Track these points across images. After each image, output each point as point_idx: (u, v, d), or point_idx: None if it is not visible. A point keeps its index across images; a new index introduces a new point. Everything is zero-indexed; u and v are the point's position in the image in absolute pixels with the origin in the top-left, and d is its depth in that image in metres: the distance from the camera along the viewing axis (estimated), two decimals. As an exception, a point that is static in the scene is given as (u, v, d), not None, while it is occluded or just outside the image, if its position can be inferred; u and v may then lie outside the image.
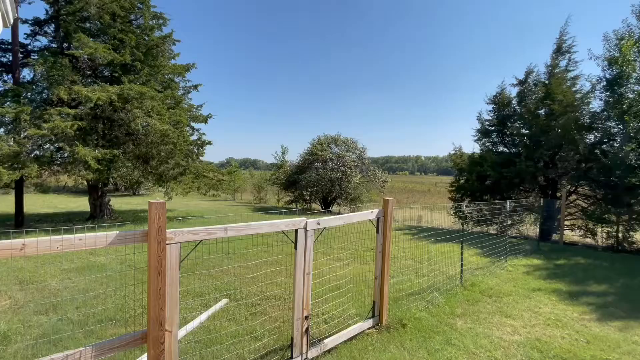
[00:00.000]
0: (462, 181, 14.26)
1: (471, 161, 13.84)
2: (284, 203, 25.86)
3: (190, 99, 15.82)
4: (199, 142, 14.70)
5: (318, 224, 3.19)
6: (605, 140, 10.94)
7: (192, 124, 14.87)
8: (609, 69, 10.68)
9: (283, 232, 3.00)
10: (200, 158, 15.07)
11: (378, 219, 3.88)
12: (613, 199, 10.15)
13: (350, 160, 21.93)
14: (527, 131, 12.24)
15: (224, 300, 4.69)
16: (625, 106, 10.12)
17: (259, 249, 7.43)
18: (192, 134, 14.68)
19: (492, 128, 13.67)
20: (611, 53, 10.67)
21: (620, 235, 10.35)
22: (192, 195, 19.86)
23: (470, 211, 13.27)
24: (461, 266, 5.88)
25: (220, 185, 14.71)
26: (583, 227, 11.35)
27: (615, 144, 10.61)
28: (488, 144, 13.90)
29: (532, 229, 12.23)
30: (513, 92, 13.13)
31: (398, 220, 16.83)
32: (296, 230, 3.01)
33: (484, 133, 13.85)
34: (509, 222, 12.47)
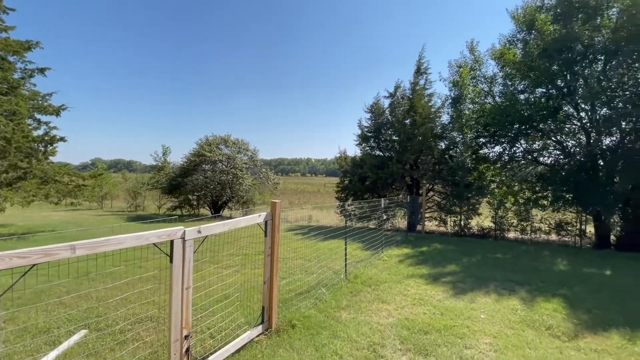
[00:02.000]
0: (346, 182, 15.51)
1: (354, 164, 15.20)
2: (166, 210, 23.28)
3: (35, 85, 12.65)
4: (46, 138, 11.83)
5: (199, 232, 2.90)
6: (452, 147, 13.58)
7: (38, 115, 11.91)
8: (453, 90, 13.30)
9: (155, 245, 2.60)
10: (51, 158, 12.18)
11: (266, 222, 3.80)
12: (457, 194, 12.67)
13: (241, 162, 21.30)
14: (397, 138, 14.16)
15: (81, 332, 3.84)
16: (464, 120, 12.76)
17: (131, 265, 6.41)
18: (36, 128, 11.74)
19: (370, 134, 15.34)
20: (454, 77, 13.32)
21: (462, 222, 13.00)
22: (39, 206, 15.93)
23: (354, 209, 14.58)
24: (345, 261, 6.33)
25: (80, 191, 12.17)
26: (438, 218, 13.81)
27: (458, 150, 13.28)
28: (367, 148, 15.53)
29: (402, 222, 14.22)
30: (386, 103, 15.05)
31: (290, 221, 17.17)
32: (172, 242, 2.66)
33: (363, 138, 15.41)
34: (385, 217, 14.20)
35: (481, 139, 12.74)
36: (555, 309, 4.80)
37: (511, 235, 12.44)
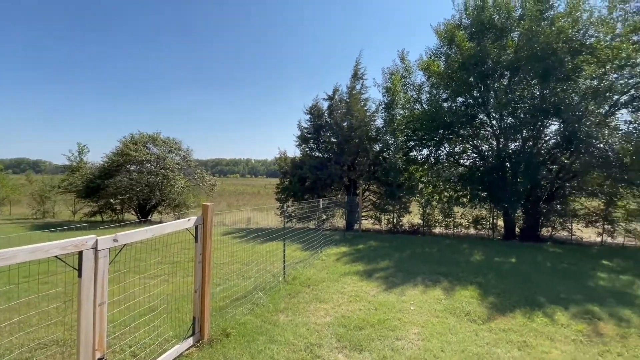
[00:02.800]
0: (286, 183, 15.44)
1: (293, 164, 15.20)
2: (82, 216, 20.67)
3: None
4: None
5: (115, 240, 2.58)
6: (385, 149, 14.36)
7: None
8: (386, 96, 14.10)
9: (58, 257, 2.24)
10: None
11: (197, 227, 3.56)
12: (390, 193, 13.44)
13: (173, 163, 19.86)
14: (335, 140, 14.53)
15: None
16: (395, 124, 13.60)
17: (34, 281, 5.51)
18: None
19: (310, 135, 15.49)
20: (387, 84, 14.12)
21: (395, 220, 13.85)
22: None
23: (294, 210, 14.58)
24: (284, 262, 6.27)
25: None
26: (373, 217, 14.50)
27: (391, 153, 14.10)
28: (307, 149, 15.65)
29: (341, 222, 14.62)
30: (325, 105, 15.34)
31: (227, 224, 16.50)
32: (80, 253, 2.32)
33: (303, 139, 15.50)
34: (324, 217, 14.47)
35: (411, 142, 13.73)
36: (472, 296, 5.35)
37: (437, 230, 13.62)
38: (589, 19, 10.36)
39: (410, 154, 13.99)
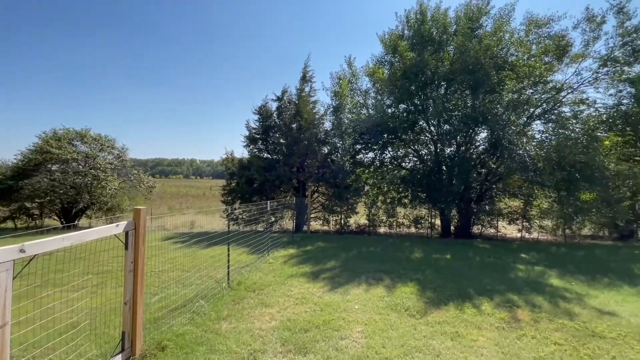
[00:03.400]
0: (233, 184, 14.95)
1: (241, 165, 14.78)
2: (-10, 222, 17.88)
3: None
4: None
5: (22, 251, 2.24)
6: (333, 152, 14.65)
7: None
8: (334, 99, 14.39)
9: (-58, 272, 1.87)
10: None
11: (127, 233, 3.25)
12: (338, 195, 13.73)
13: (105, 162, 18.07)
14: (284, 141, 14.44)
15: None
16: (343, 128, 13.95)
17: None
18: None
19: (259, 136, 15.20)
20: (335, 88, 14.43)
21: (343, 221, 14.17)
22: None
23: (241, 212, 14.15)
24: (228, 267, 6.04)
25: None
26: (322, 218, 14.68)
27: (339, 155, 14.43)
28: (255, 150, 15.33)
29: (289, 223, 14.54)
30: (274, 106, 15.17)
31: (168, 228, 15.49)
32: (-26, 266, 1.97)
33: (251, 140, 15.16)
34: (273, 219, 14.28)
35: (358, 146, 14.18)
36: (412, 292, 5.65)
37: (382, 230, 14.23)
38: (510, 39, 11.67)
39: (357, 156, 14.46)
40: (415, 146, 14.07)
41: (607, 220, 12.16)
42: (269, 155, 15.20)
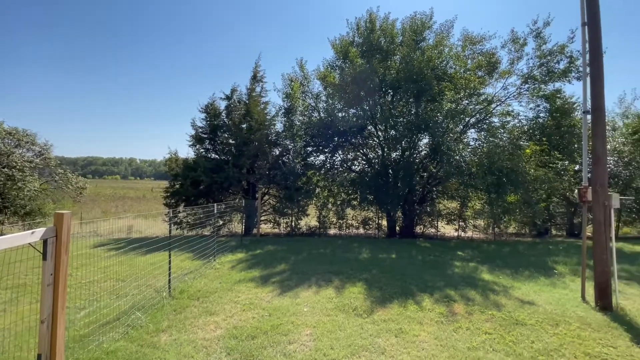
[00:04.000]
0: (177, 186, 14.10)
1: (186, 166, 14.00)
2: None
3: None
4: None
5: None
6: (285, 153, 14.55)
7: None
8: (285, 101, 14.31)
9: None
10: None
11: (45, 241, 2.86)
12: (289, 197, 13.65)
13: (22, 160, 15.88)
14: (233, 141, 13.99)
15: None
16: (295, 130, 13.93)
17: None
18: None
19: (206, 135, 14.53)
20: (287, 89, 14.37)
21: (293, 223, 14.11)
22: None
23: (185, 215, 13.38)
24: (169, 275, 5.64)
25: None
26: (272, 220, 14.48)
27: (290, 157, 14.36)
28: (202, 150, 14.63)
29: (239, 227, 14.10)
30: (222, 105, 14.64)
31: (102, 234, 14.09)
32: None
33: (198, 139, 14.44)
34: (220, 222, 13.73)
35: (309, 148, 14.26)
36: (359, 292, 5.80)
37: (332, 231, 14.45)
38: (449, 53, 12.65)
39: (309, 159, 14.53)
40: (364, 150, 14.55)
41: (527, 220, 13.70)
42: (217, 156, 14.61)
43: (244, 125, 14.02)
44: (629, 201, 12.24)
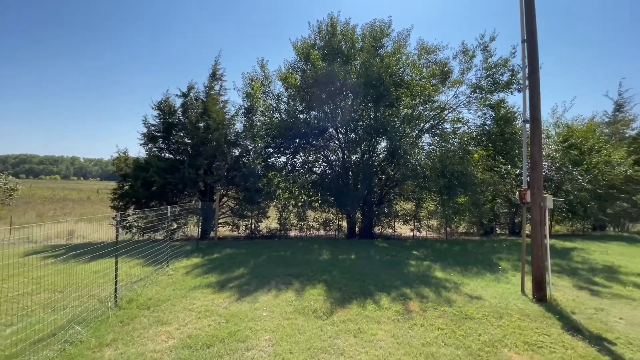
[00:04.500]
0: (126, 187, 13.15)
1: (137, 166, 13.11)
2: None
3: None
4: None
5: None
6: (244, 154, 14.20)
7: None
8: (246, 100, 14.00)
9: None
10: None
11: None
12: (249, 199, 13.34)
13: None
14: (190, 140, 13.37)
15: None
16: (255, 130, 13.66)
17: None
18: None
19: (159, 134, 13.72)
20: (247, 89, 14.07)
21: (253, 226, 13.81)
22: None
23: (136, 219, 12.53)
24: (115, 283, 5.23)
25: None
26: (231, 223, 14.04)
27: (250, 158, 14.06)
28: (155, 149, 13.79)
29: (195, 230, 13.49)
30: (178, 102, 13.92)
31: (37, 240, 12.73)
32: None
33: (150, 138, 13.60)
34: (175, 226, 13.05)
35: (270, 149, 14.07)
36: (319, 294, 5.81)
37: (292, 233, 14.36)
38: (406, 60, 13.20)
39: (270, 160, 14.32)
40: (326, 152, 14.67)
41: (475, 220, 14.70)
42: (171, 156, 13.84)
43: (201, 124, 13.46)
44: (560, 202, 13.63)
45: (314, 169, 15.02)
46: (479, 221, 14.62)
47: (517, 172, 13.52)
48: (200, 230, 12.92)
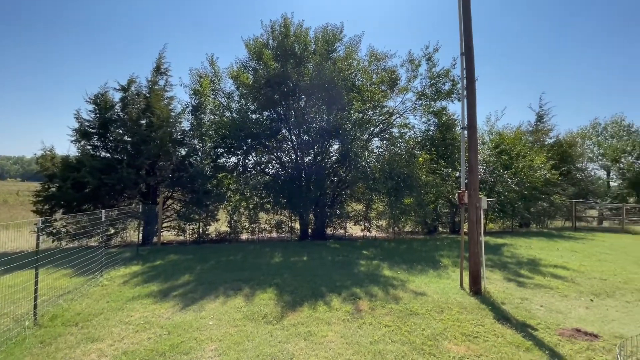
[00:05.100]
0: (53, 189, 11.75)
1: (66, 165, 11.79)
2: None
3: None
4: None
5: None
6: (192, 154, 13.49)
7: None
8: (194, 98, 13.33)
9: None
10: None
11: None
12: (197, 201, 12.70)
13: None
14: (130, 138, 12.35)
15: None
16: (204, 129, 13.06)
17: None
18: None
19: (94, 130, 12.48)
20: (195, 86, 13.41)
21: (201, 230, 13.16)
22: None
23: (64, 224, 11.24)
24: (35, 299, 4.61)
25: None
26: (177, 227, 13.24)
27: (198, 158, 13.40)
28: (89, 147, 12.52)
29: (135, 235, 12.47)
30: (117, 96, 12.80)
31: None
32: None
33: (83, 134, 12.31)
34: (112, 231, 11.95)
35: (220, 149, 13.53)
36: (270, 298, 5.70)
37: (244, 236, 13.96)
38: (357, 66, 13.60)
39: (219, 160, 13.78)
40: (278, 153, 14.52)
41: (420, 219, 15.60)
42: (108, 155, 12.67)
43: (143, 121, 12.50)
44: (493, 202, 15.01)
45: (267, 170, 14.79)
46: (423, 221, 15.51)
47: (457, 175, 14.63)
48: (141, 235, 11.99)
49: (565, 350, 4.01)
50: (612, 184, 25.88)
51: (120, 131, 12.34)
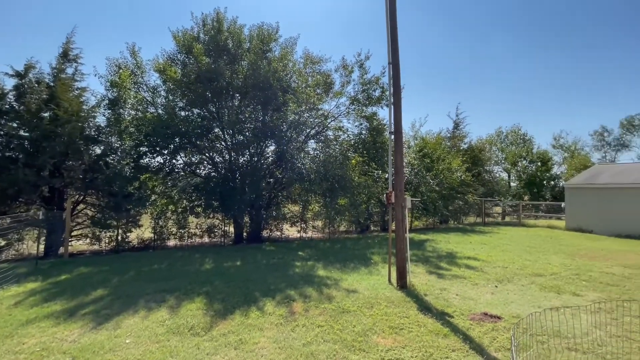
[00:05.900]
0: None
1: (-64, 164, 9.59)
2: None
3: None
4: None
5: None
6: (109, 153, 12.06)
7: None
8: (111, 90, 11.95)
9: None
10: None
11: None
12: (115, 205, 11.38)
13: None
14: (27, 134, 10.56)
15: None
16: (123, 126, 11.79)
17: None
18: None
19: (-23, 123, 10.37)
20: (113, 77, 12.04)
21: (120, 237, 11.82)
22: None
23: None
24: None
25: None
26: (90, 235, 11.69)
27: (117, 158, 12.03)
28: (-31, 143, 10.36)
29: (35, 247, 10.67)
30: (9, 84, 10.83)
31: None
32: None
33: (-39, 127, 10.14)
34: (3, 243, 10.06)
35: (143, 148, 12.32)
36: (198, 308, 5.34)
37: (171, 243, 12.92)
38: (293, 68, 13.63)
39: (142, 160, 12.55)
40: (211, 153, 13.79)
41: (354, 219, 16.24)
42: (-3, 152, 10.64)
43: (46, 114, 10.78)
44: (417, 202, 16.32)
45: (198, 171, 13.93)
46: (357, 220, 16.17)
47: (386, 177, 15.54)
48: (43, 246, 10.32)
49: (475, 332, 4.50)
50: (512, 184, 30.16)
51: (14, 125, 10.49)
